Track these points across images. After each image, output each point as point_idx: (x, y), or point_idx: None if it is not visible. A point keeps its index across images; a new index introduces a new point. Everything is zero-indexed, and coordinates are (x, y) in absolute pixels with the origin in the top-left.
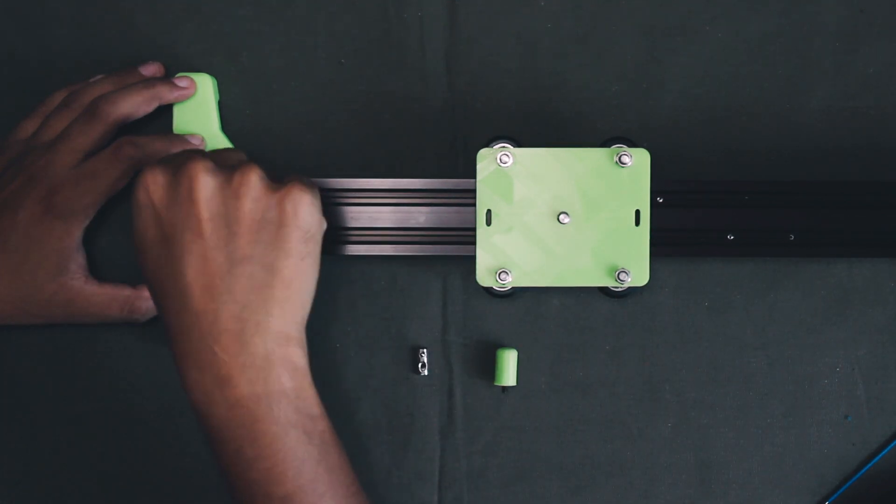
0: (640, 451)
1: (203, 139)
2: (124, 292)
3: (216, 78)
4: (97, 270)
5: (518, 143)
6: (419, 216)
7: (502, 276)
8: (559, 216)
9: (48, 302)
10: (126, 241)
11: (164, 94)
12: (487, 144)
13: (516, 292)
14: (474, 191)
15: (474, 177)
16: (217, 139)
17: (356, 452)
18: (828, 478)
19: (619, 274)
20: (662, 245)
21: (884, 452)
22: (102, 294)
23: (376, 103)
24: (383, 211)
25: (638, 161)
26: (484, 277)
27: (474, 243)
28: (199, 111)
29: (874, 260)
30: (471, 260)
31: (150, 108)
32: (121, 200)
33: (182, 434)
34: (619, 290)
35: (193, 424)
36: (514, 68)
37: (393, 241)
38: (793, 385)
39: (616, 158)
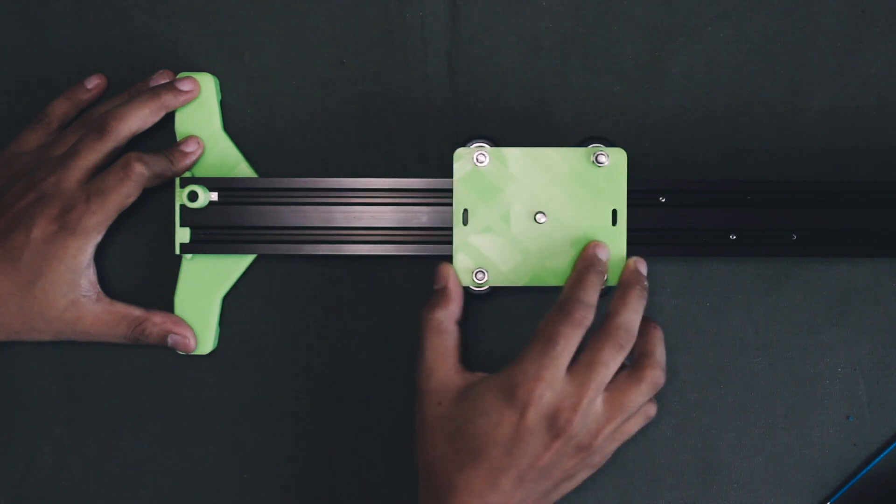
0: (642, 452)
1: (201, 140)
2: (135, 313)
3: (218, 77)
4: (104, 286)
5: (496, 143)
6: (421, 216)
7: (478, 275)
8: (536, 216)
9: (58, 319)
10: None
11: (170, 101)
12: (464, 144)
13: (494, 292)
14: None
15: None
16: (219, 139)
17: (356, 452)
18: (829, 478)
19: None
20: (664, 245)
21: (885, 453)
22: (113, 312)
23: (378, 103)
24: (385, 211)
25: (615, 161)
26: (461, 277)
27: None
28: (200, 111)
29: (876, 260)
30: None
31: (157, 118)
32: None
33: (182, 434)
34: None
35: (193, 424)
36: (516, 68)
37: (394, 240)
38: (794, 385)
39: (593, 158)
